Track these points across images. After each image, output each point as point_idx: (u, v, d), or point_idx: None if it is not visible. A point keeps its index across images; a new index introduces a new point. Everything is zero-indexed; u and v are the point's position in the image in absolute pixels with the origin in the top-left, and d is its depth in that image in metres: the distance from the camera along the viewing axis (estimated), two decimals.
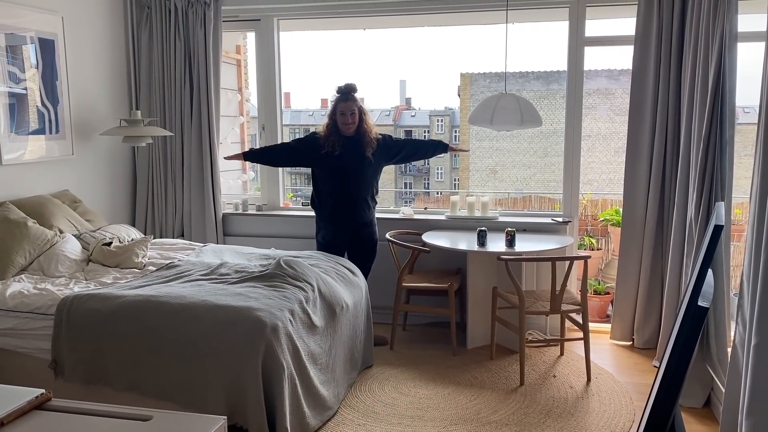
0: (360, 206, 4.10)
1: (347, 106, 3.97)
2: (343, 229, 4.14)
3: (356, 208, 4.09)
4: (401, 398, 3.45)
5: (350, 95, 4.00)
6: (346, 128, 3.98)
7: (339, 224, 4.13)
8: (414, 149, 4.32)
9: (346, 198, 4.07)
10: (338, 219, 4.12)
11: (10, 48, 3.78)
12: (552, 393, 3.52)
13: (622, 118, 15.48)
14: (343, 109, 3.97)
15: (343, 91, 4.01)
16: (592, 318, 4.35)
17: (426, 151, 4.38)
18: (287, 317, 2.89)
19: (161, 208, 4.92)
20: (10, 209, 3.56)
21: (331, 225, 4.14)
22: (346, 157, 3.98)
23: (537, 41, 28.06)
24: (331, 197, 4.09)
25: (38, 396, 1.45)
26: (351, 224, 4.14)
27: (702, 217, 3.40)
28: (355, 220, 4.12)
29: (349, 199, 4.07)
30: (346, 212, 4.09)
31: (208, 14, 4.63)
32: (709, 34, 3.38)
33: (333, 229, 4.14)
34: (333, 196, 4.09)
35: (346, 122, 3.97)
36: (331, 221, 4.14)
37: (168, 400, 2.78)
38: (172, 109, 4.79)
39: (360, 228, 4.16)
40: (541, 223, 4.48)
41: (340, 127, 3.99)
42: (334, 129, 4.01)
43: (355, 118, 3.98)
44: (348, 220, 4.11)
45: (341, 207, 4.09)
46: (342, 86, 4.02)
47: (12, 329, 2.98)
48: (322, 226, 4.18)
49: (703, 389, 3.34)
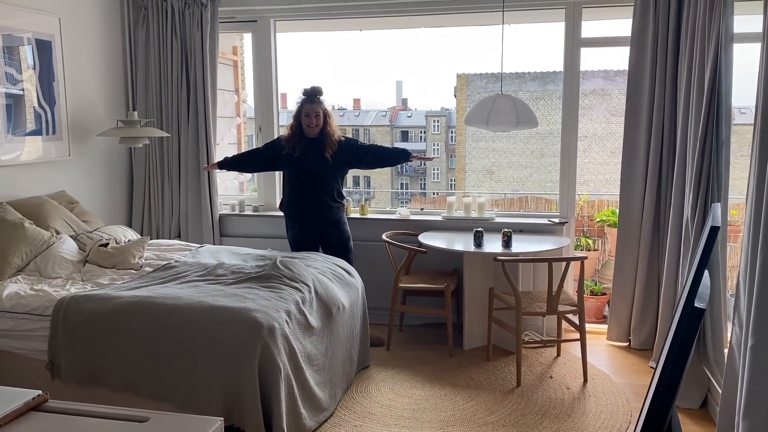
0: (320, 206, 4.15)
1: (312, 108, 4.04)
2: (308, 228, 4.20)
3: (317, 207, 4.15)
4: (398, 399, 3.45)
5: (316, 97, 4.07)
6: (310, 130, 4.05)
7: (303, 223, 4.20)
8: (378, 156, 4.32)
9: (306, 198, 4.14)
10: (301, 218, 4.20)
11: (7, 49, 3.78)
12: (549, 394, 3.52)
13: (618, 118, 15.52)
14: (308, 111, 4.04)
15: (308, 93, 4.08)
16: (588, 319, 4.37)
17: (390, 159, 4.37)
18: (284, 318, 2.89)
19: (158, 209, 4.92)
20: (7, 210, 3.55)
21: (296, 224, 4.22)
22: (306, 158, 4.07)
23: (533, 42, 28.13)
24: (293, 197, 4.18)
25: (35, 397, 1.45)
26: (315, 223, 4.19)
27: (698, 218, 3.41)
28: (317, 219, 4.18)
29: (310, 198, 4.14)
30: (308, 211, 4.17)
31: (205, 15, 4.63)
32: (705, 34, 3.39)
33: (298, 228, 4.22)
34: (294, 195, 4.18)
35: (310, 124, 4.04)
36: (295, 220, 4.23)
37: (165, 401, 2.78)
38: (169, 110, 4.79)
39: (326, 227, 4.20)
40: (538, 223, 4.49)
41: (304, 128, 4.06)
42: (298, 130, 4.09)
43: (320, 120, 4.05)
44: (311, 219, 4.18)
45: (303, 206, 4.17)
46: (308, 88, 4.10)
47: (8, 330, 2.97)
48: (290, 226, 4.26)
49: (699, 390, 3.35)
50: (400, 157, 4.36)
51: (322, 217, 4.16)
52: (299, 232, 4.21)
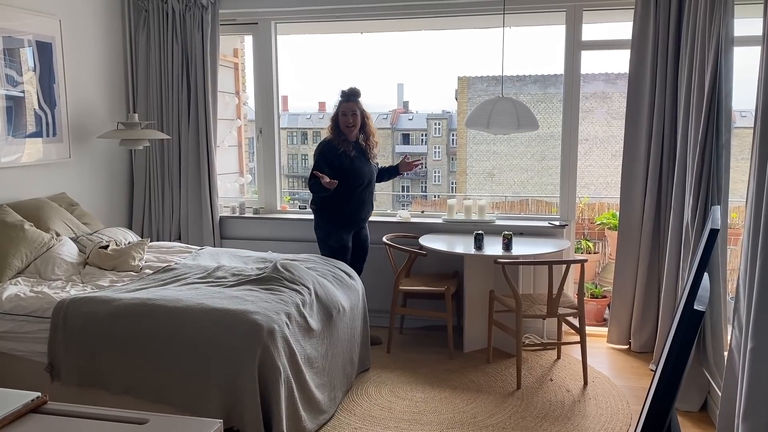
0: (368, 210, 4.22)
1: (349, 107, 4.04)
2: (353, 230, 4.20)
3: (366, 211, 4.20)
4: (398, 402, 3.45)
5: (353, 96, 4.07)
6: (348, 130, 4.03)
7: (355, 225, 4.18)
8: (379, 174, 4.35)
9: (360, 202, 4.12)
10: (354, 221, 4.16)
11: (8, 51, 3.78)
12: (549, 396, 3.52)
13: (618, 122, 15.49)
14: (344, 110, 4.04)
15: (346, 93, 4.09)
16: (588, 322, 4.36)
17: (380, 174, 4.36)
18: (284, 320, 2.88)
19: (158, 211, 4.92)
20: (7, 212, 3.55)
21: (348, 227, 4.16)
22: (359, 159, 4.07)
23: (534, 45, 28.15)
24: (349, 202, 4.07)
25: (34, 399, 1.45)
26: (361, 228, 4.25)
27: (698, 221, 3.41)
28: (365, 219, 4.24)
29: (363, 202, 4.14)
30: (362, 215, 4.17)
31: (206, 18, 4.64)
32: (705, 37, 3.40)
33: (348, 230, 4.17)
34: (352, 200, 4.08)
35: (347, 123, 4.02)
36: (348, 224, 4.15)
37: (164, 404, 2.78)
38: (170, 112, 4.79)
39: (363, 228, 4.28)
40: (538, 226, 4.49)
41: (342, 129, 4.04)
42: (337, 131, 4.07)
43: (357, 120, 4.04)
44: (360, 223, 4.21)
45: (358, 210, 4.13)
46: (346, 89, 4.11)
47: (8, 332, 2.97)
48: (334, 230, 4.12)
49: (699, 393, 3.34)
50: (392, 174, 4.47)
51: (365, 221, 4.24)
52: (346, 236, 4.16)
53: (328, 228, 4.14)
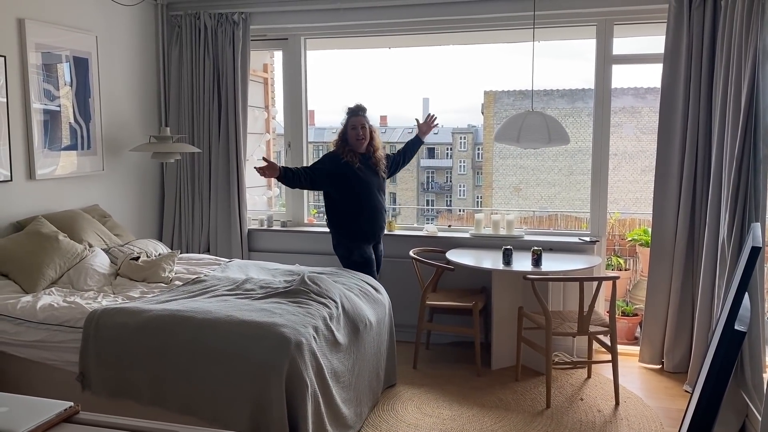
0: (383, 221, 4.22)
1: (358, 120, 4.09)
2: (373, 242, 4.21)
3: (382, 223, 4.20)
4: (424, 419, 3.41)
5: (361, 111, 4.13)
6: (358, 143, 4.06)
7: (373, 237, 4.19)
8: (406, 153, 4.46)
9: (375, 209, 4.12)
10: (372, 231, 4.16)
11: (46, 66, 3.87)
12: (579, 416, 3.45)
13: (648, 136, 15.32)
14: (354, 123, 4.08)
15: (354, 109, 4.14)
16: (619, 340, 4.27)
17: (414, 148, 4.49)
18: (311, 334, 2.88)
19: (188, 223, 4.97)
20: (42, 223, 3.62)
21: (367, 240, 4.16)
22: (364, 171, 4.08)
23: (561, 59, 28.00)
24: (363, 211, 4.09)
25: (66, 409, 1.46)
26: (378, 241, 4.26)
27: (735, 238, 3.33)
28: (383, 228, 4.24)
29: (377, 215, 4.14)
30: (378, 223, 4.17)
31: (237, 33, 4.70)
32: (741, 50, 3.34)
33: (369, 243, 4.18)
34: (366, 209, 4.10)
35: (357, 136, 4.05)
36: (367, 235, 4.15)
37: (192, 416, 2.78)
38: (201, 126, 4.86)
39: (379, 242, 4.29)
40: (568, 242, 4.43)
41: (351, 142, 4.07)
42: (343, 144, 4.11)
43: (366, 133, 4.08)
44: (377, 236, 4.22)
45: (374, 219, 4.14)
46: (352, 105, 4.16)
47: (41, 341, 3.01)
48: (355, 245, 4.12)
49: (737, 416, 3.25)
50: (416, 144, 4.51)
51: (381, 232, 4.24)
52: (369, 248, 4.17)
53: (349, 244, 4.13)
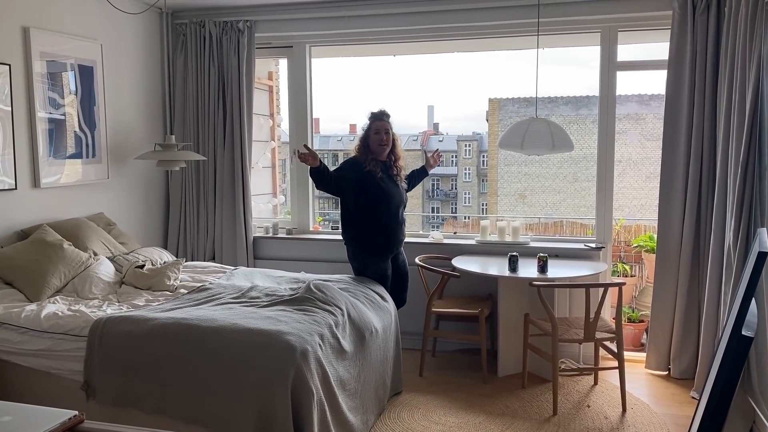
0: (402, 234, 4.04)
1: (382, 125, 3.92)
2: (390, 256, 4.02)
3: (401, 235, 4.02)
4: (431, 426, 3.39)
5: (384, 116, 3.97)
6: (381, 149, 3.91)
7: (390, 251, 4.00)
8: (413, 178, 4.32)
9: (394, 222, 3.95)
10: (389, 246, 3.98)
11: (51, 75, 3.89)
12: (586, 423, 3.43)
13: (653, 143, 15.29)
14: (378, 128, 3.92)
15: (377, 114, 3.97)
16: (626, 347, 4.25)
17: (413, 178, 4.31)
18: (317, 341, 2.87)
19: (193, 231, 4.98)
20: (47, 231, 3.63)
21: (385, 254, 3.98)
22: (386, 181, 3.93)
23: (566, 66, 28.03)
24: (381, 225, 3.92)
25: (71, 418, 1.45)
26: (398, 246, 4.05)
27: (741, 244, 3.31)
28: (401, 242, 4.05)
29: (397, 227, 3.97)
30: (397, 237, 3.99)
31: (242, 41, 4.72)
32: (745, 56, 3.33)
33: (386, 257, 3.99)
34: (384, 222, 3.93)
35: (380, 142, 3.90)
36: (385, 250, 3.97)
37: (197, 424, 2.77)
38: (206, 134, 4.87)
39: (400, 252, 4.11)
40: (574, 248, 4.42)
41: (373, 148, 3.91)
42: (366, 151, 3.94)
43: (389, 139, 3.93)
44: (398, 242, 4.02)
45: (392, 233, 3.96)
46: (376, 110, 4.00)
47: (46, 350, 3.01)
48: (372, 260, 3.94)
49: (744, 422, 3.22)
50: (422, 174, 4.39)
51: (400, 245, 4.07)
52: (385, 263, 3.99)
53: (365, 258, 3.95)
